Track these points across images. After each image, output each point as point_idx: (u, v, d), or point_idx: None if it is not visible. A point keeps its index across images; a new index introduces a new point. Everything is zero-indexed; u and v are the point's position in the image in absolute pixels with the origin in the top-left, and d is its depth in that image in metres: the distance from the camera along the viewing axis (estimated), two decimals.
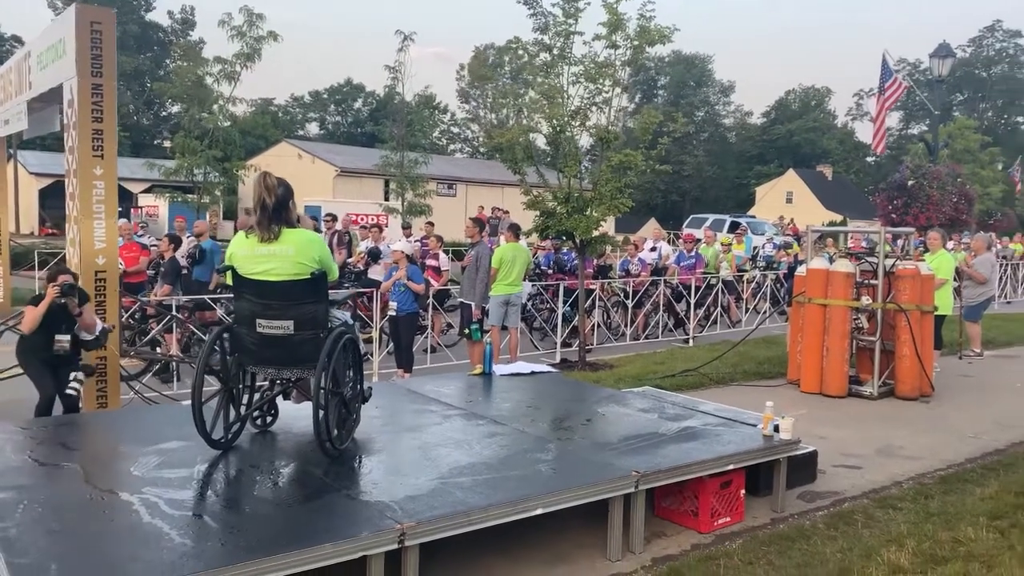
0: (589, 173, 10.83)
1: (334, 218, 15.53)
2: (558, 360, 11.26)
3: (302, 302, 4.66)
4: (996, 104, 70.73)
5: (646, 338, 13.57)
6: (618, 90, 10.81)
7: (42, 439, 5.06)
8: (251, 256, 4.64)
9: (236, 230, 13.17)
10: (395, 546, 3.75)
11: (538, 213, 11.00)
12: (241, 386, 4.97)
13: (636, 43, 10.76)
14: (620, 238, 20.01)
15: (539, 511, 4.26)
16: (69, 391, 6.16)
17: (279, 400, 5.35)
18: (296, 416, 5.46)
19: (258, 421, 5.25)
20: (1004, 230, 32.17)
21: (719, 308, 15.17)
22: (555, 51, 10.73)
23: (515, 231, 11.23)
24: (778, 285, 16.54)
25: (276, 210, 4.60)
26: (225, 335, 4.88)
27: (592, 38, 10.79)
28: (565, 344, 12.14)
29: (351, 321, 5.27)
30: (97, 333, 6.43)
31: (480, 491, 4.31)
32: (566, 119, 10.33)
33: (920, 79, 55.82)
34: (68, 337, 6.18)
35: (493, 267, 10.24)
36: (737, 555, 4.69)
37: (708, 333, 14.47)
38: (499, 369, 7.32)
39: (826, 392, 9.07)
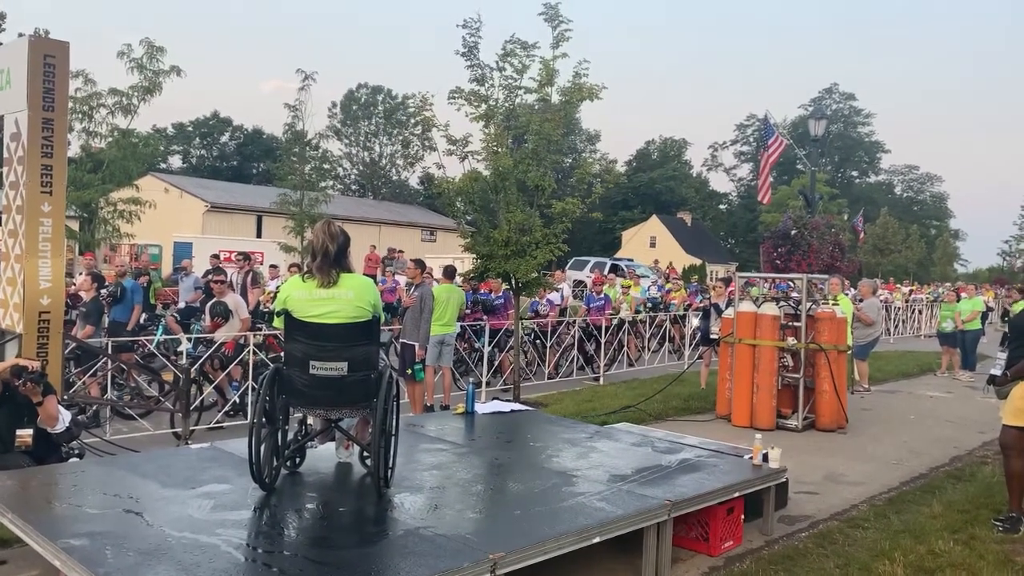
0: (524, 218, 11.29)
1: (247, 257, 15.27)
2: (483, 399, 11.53)
3: (357, 344, 4.81)
4: (834, 160, 77.26)
5: (559, 377, 14.09)
6: (554, 139, 11.40)
7: (74, 485, 4.92)
8: (309, 300, 4.77)
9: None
10: (488, 575, 3.97)
11: (476, 256, 11.37)
12: (285, 428, 5.05)
13: (567, 99, 11.49)
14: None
15: (596, 539, 4.57)
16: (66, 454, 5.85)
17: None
18: (317, 458, 5.54)
19: (288, 463, 5.30)
20: (849, 275, 35.14)
21: (624, 348, 15.96)
22: (492, 102, 11.28)
23: (449, 273, 11.56)
24: (673, 325, 17.54)
25: (337, 257, 4.78)
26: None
27: (523, 91, 11.44)
28: (487, 383, 12.45)
29: (388, 361, 5.43)
30: (68, 424, 5.79)
31: (540, 523, 4.57)
32: (511, 167, 10.79)
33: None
34: (30, 431, 5.56)
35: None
36: (757, 574, 5.15)
37: (616, 371, 15.17)
38: (480, 408, 7.57)
39: (756, 425, 9.80)
